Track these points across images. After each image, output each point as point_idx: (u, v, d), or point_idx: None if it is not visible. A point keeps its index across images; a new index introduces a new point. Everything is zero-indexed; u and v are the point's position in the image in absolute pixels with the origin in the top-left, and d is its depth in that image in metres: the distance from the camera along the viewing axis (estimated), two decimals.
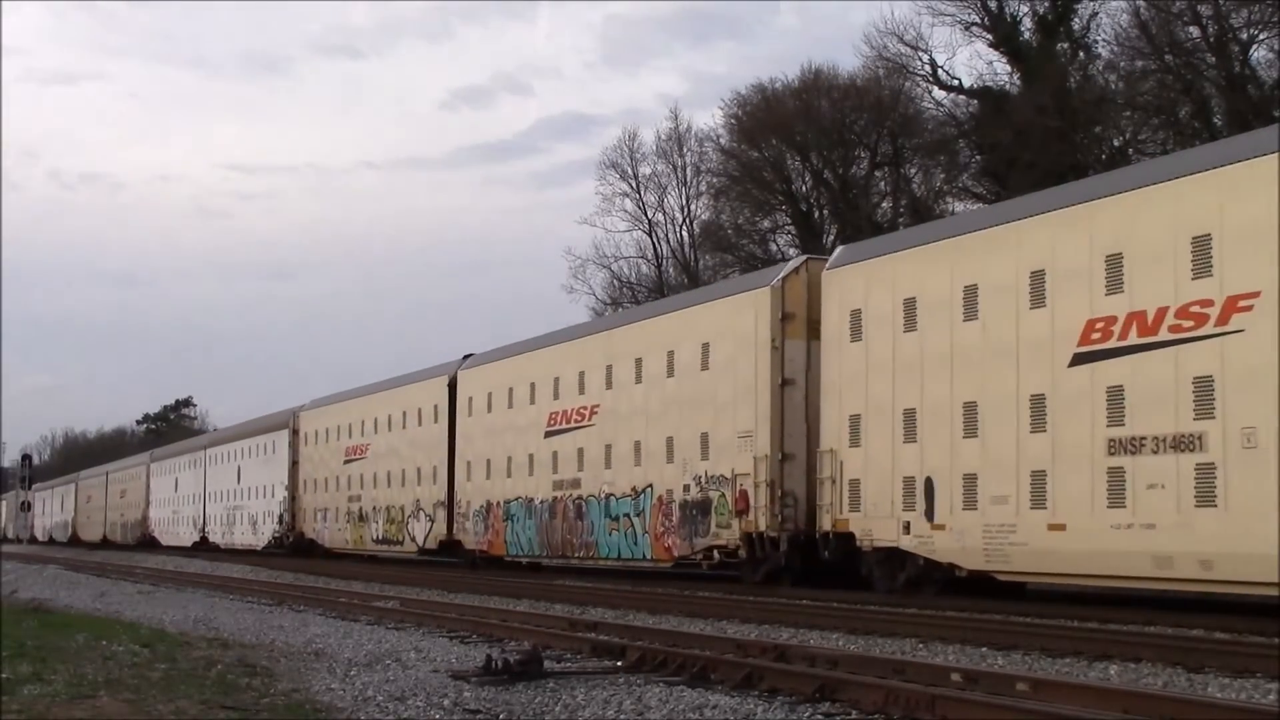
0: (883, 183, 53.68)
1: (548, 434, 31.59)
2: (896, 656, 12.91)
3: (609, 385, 29.32)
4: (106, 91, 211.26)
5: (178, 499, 68.30)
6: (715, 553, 25.22)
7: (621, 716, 9.86)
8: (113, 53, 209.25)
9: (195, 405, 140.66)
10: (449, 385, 37.57)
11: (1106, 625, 15.66)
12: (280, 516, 51.04)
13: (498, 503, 34.02)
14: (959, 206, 47.43)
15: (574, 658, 13.40)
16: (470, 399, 36.36)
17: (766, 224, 56.90)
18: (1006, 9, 46.60)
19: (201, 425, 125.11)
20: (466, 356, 38.51)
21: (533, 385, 32.68)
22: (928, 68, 49.30)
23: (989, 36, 46.84)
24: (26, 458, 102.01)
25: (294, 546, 49.29)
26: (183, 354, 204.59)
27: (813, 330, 23.75)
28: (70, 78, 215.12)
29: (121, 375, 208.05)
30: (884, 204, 53.34)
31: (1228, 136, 26.62)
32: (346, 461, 44.54)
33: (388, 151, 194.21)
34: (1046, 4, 45.84)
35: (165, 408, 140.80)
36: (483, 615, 18.97)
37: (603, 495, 29.10)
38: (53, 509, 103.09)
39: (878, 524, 21.54)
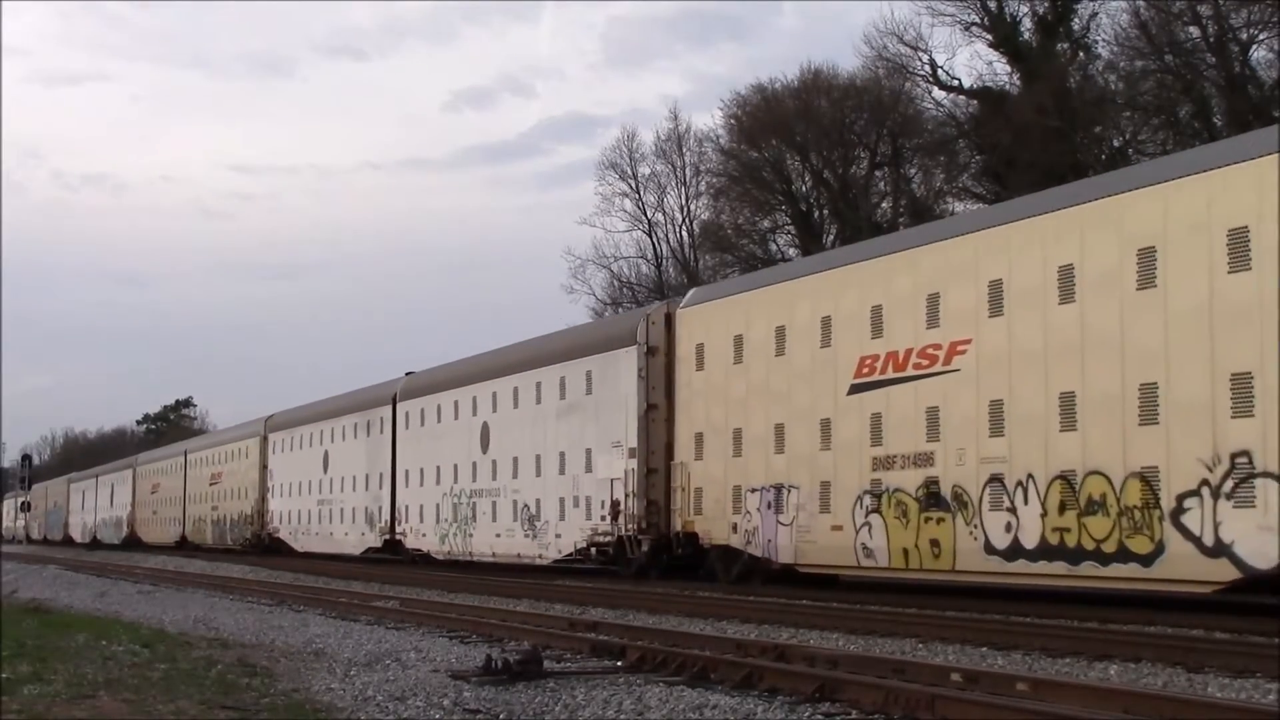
0: (883, 183, 53.70)
1: None
2: (896, 656, 12.91)
3: None
4: (109, 93, 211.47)
5: (327, 484, 46.07)
6: None
7: (621, 716, 9.86)
8: (116, 54, 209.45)
9: (195, 405, 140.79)
10: None
11: (1106, 625, 15.67)
12: (615, 506, 28.19)
13: None
14: (959, 206, 47.47)
15: (574, 658, 13.41)
16: None
17: (766, 224, 56.96)
18: (1006, 9, 46.64)
19: (201, 425, 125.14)
20: None
21: None
22: (928, 68, 49.39)
23: (989, 36, 46.88)
24: (26, 458, 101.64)
25: (654, 554, 27.38)
26: (183, 354, 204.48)
27: None
28: (73, 79, 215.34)
29: (122, 375, 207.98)
30: (884, 204, 53.37)
31: (1228, 137, 26.63)
32: (857, 388, 22.29)
33: (390, 152, 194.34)
34: (1046, 4, 45.87)
35: (165, 408, 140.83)
36: (483, 615, 18.98)
37: None
38: (99, 503, 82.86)
39: None
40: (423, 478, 38.36)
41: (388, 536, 40.38)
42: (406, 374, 42.21)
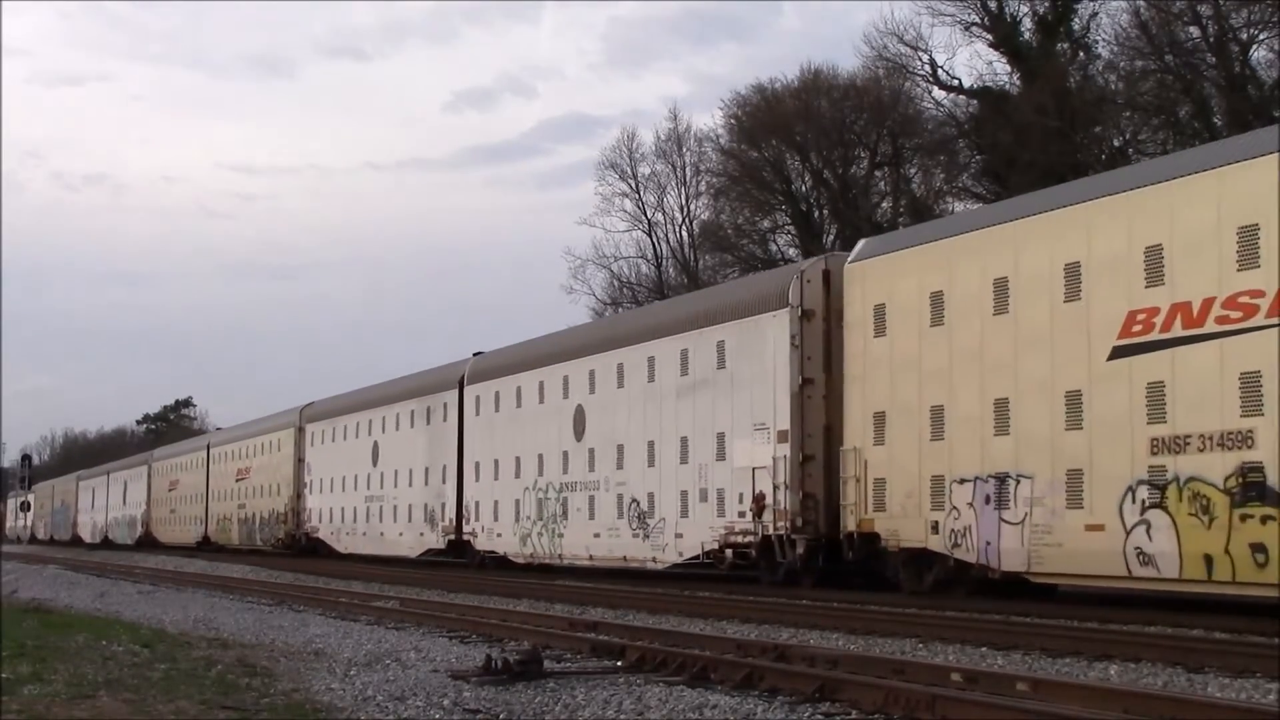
0: (883, 183, 53.74)
1: None
2: (896, 656, 12.91)
3: None
4: (110, 93, 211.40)
5: (377, 478, 41.27)
6: None
7: (621, 716, 9.87)
8: (117, 54, 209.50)
9: (195, 405, 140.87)
10: None
11: (1106, 625, 15.66)
12: (759, 500, 23.88)
13: None
14: (959, 206, 47.46)
15: (574, 658, 13.42)
16: None
17: (766, 224, 57.00)
18: (1006, 9, 46.67)
19: (201, 425, 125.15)
20: None
21: None
22: (928, 68, 49.41)
23: (989, 36, 46.90)
24: (26, 458, 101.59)
25: (809, 557, 23.12)
26: (183, 354, 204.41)
27: None
28: (74, 79, 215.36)
29: (121, 375, 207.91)
30: (884, 204, 53.40)
31: (1228, 137, 26.59)
32: (1124, 351, 18.00)
33: (391, 153, 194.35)
34: (1046, 4, 45.90)
35: (165, 408, 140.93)
36: (483, 615, 18.99)
37: None
38: (110, 502, 79.49)
39: None
40: (498, 470, 33.74)
41: (452, 537, 35.91)
42: (474, 354, 37.74)
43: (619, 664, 12.69)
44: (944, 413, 20.36)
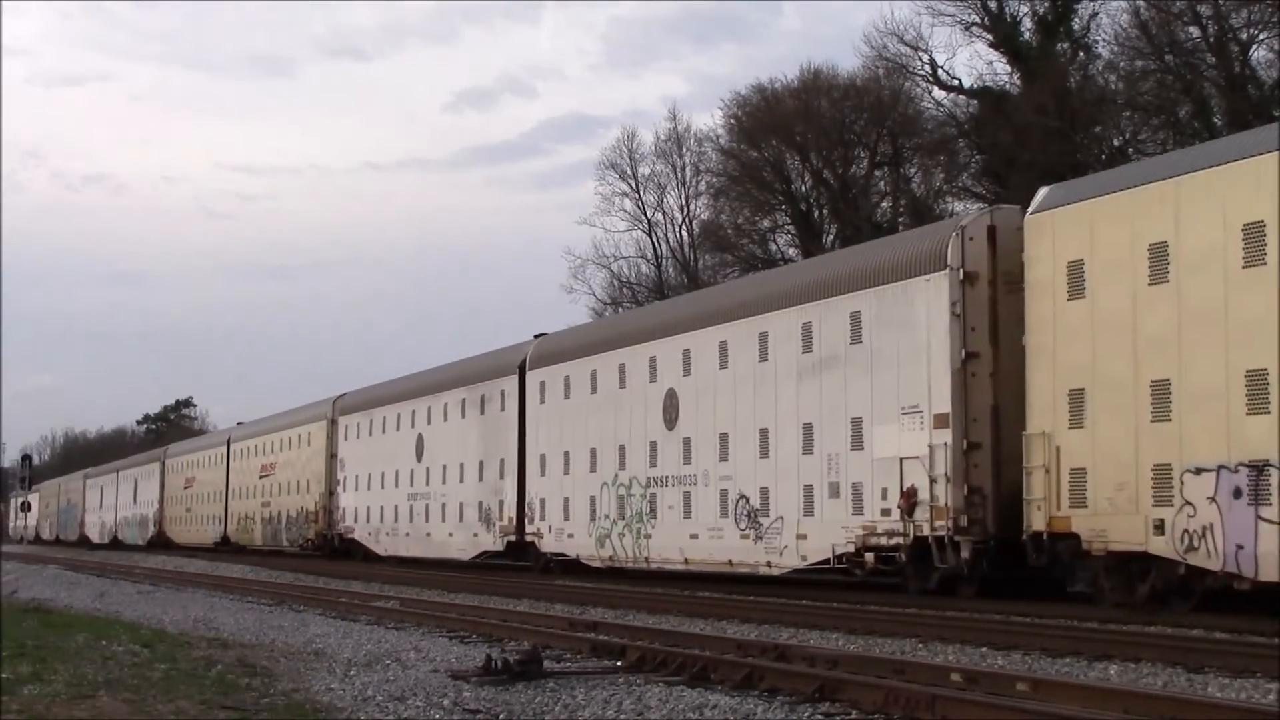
0: (882, 183, 53.74)
1: None
2: (896, 656, 12.92)
3: None
4: (109, 92, 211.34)
5: (422, 474, 38.10)
6: None
7: (621, 716, 9.87)
8: (116, 54, 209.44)
9: (195, 405, 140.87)
10: None
11: (1106, 625, 15.67)
12: (910, 495, 20.68)
13: None
14: (959, 207, 47.46)
15: (574, 658, 13.43)
16: None
17: (766, 224, 57.00)
18: (1006, 9, 46.66)
19: (201, 425, 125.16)
20: None
21: None
22: (928, 68, 49.40)
23: (989, 36, 46.90)
24: (26, 458, 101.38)
25: (975, 562, 19.66)
26: (183, 354, 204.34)
27: None
28: (73, 79, 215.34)
29: (121, 375, 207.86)
30: (884, 204, 53.41)
31: (1227, 136, 26.56)
32: None
33: (391, 153, 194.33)
34: (1046, 4, 45.90)
35: (165, 408, 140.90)
36: (483, 615, 19.00)
37: None
38: (119, 500, 76.44)
39: None
40: (568, 463, 30.28)
41: (512, 538, 32.52)
42: (536, 336, 34.51)
43: (619, 664, 12.70)
44: (1170, 388, 16.79)
